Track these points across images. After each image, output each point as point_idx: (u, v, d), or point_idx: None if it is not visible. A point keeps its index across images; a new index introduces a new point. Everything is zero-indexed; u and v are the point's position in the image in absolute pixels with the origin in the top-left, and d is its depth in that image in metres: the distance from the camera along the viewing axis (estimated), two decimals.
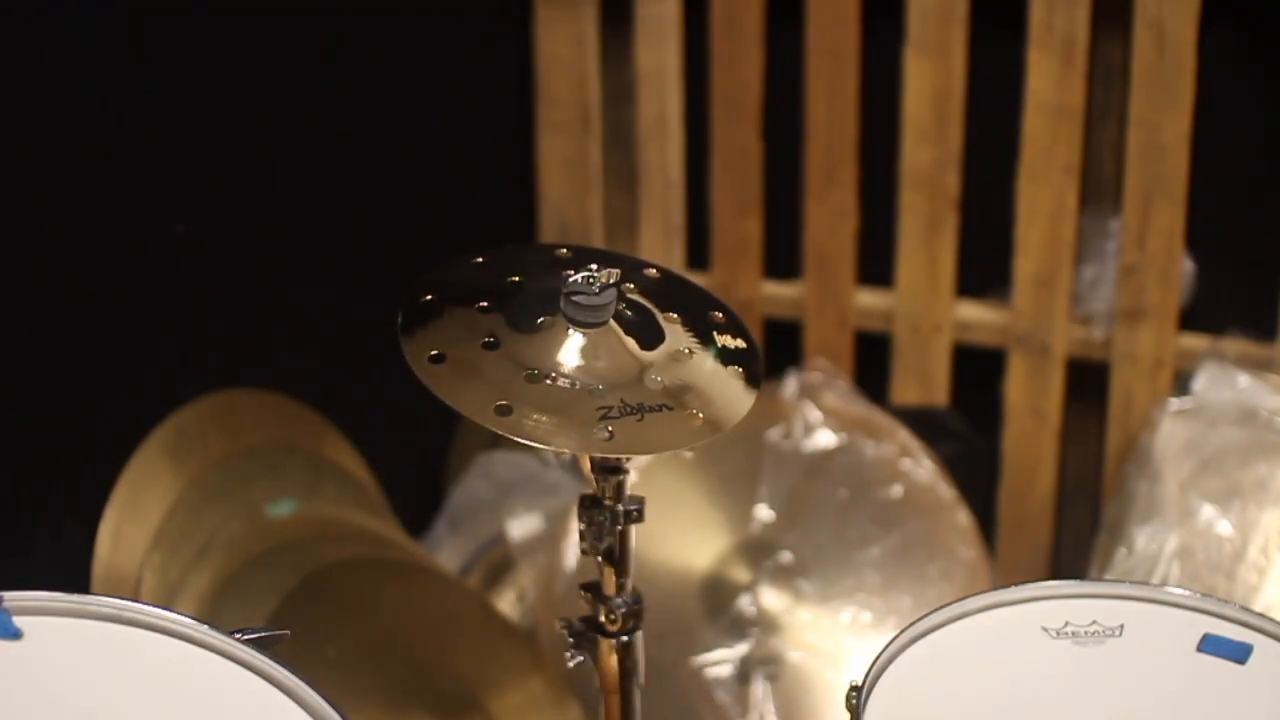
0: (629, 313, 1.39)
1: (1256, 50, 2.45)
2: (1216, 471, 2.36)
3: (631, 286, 1.42)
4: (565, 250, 1.42)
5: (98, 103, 1.99)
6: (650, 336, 1.39)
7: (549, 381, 1.33)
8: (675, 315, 1.41)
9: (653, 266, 1.47)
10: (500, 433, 1.29)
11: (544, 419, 1.30)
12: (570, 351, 1.35)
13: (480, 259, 1.46)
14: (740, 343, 1.40)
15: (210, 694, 1.21)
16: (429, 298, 1.41)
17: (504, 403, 1.31)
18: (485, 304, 1.40)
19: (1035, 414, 2.57)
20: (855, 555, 2.37)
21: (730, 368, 1.38)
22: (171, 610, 1.24)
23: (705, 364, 1.38)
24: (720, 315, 1.42)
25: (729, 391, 1.36)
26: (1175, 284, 2.47)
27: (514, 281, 1.41)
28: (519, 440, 1.30)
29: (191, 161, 2.14)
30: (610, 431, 1.30)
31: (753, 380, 1.37)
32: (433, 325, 1.38)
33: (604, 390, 1.32)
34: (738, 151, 2.64)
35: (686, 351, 1.38)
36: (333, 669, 2.06)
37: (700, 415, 1.33)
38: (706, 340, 1.40)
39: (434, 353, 1.34)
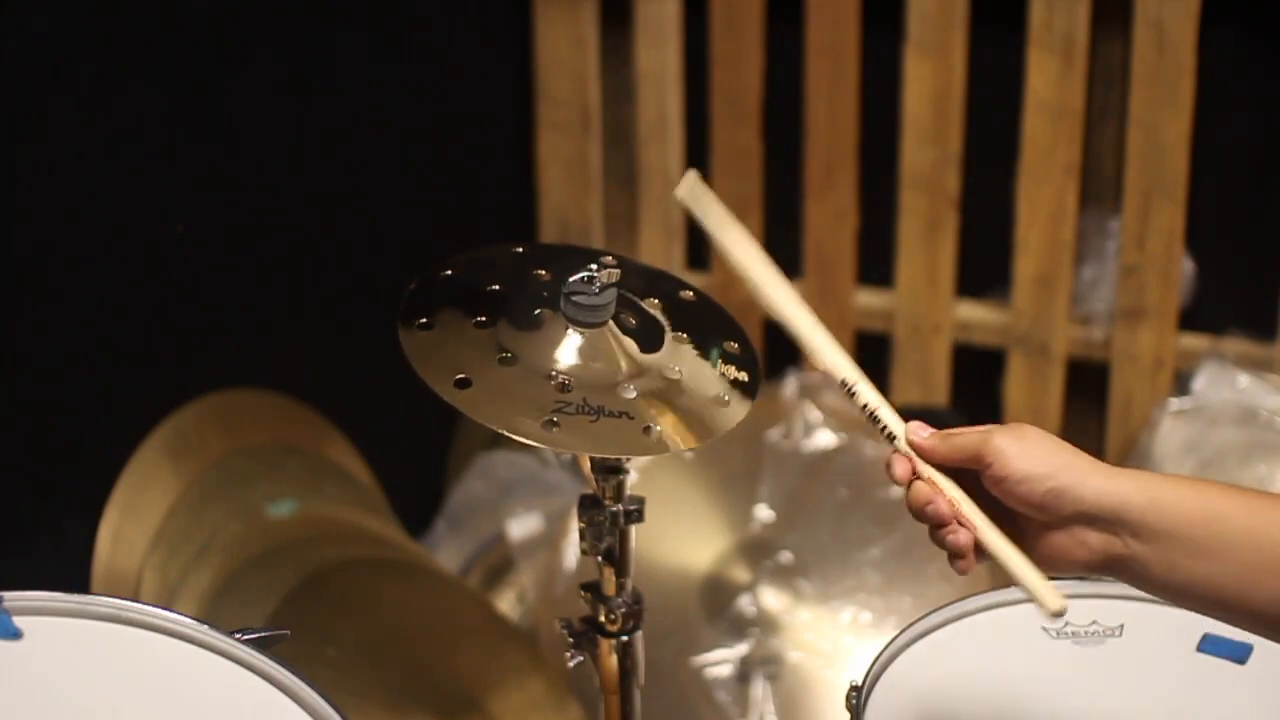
0: (633, 321, 1.39)
1: (1256, 50, 2.45)
2: (1216, 471, 2.35)
3: (656, 302, 1.42)
4: (610, 258, 1.41)
5: (98, 103, 1.99)
6: (649, 348, 1.38)
7: (522, 368, 1.33)
8: (685, 335, 1.40)
9: (690, 289, 1.46)
10: (451, 403, 1.29)
11: (497, 399, 1.30)
12: (557, 346, 1.35)
13: (520, 248, 1.46)
14: (743, 375, 1.39)
15: (210, 694, 1.21)
16: (448, 271, 1.41)
17: (464, 377, 1.31)
18: (498, 287, 1.40)
19: (1035, 414, 2.57)
20: (855, 555, 2.37)
21: (718, 395, 1.37)
22: (171, 610, 1.24)
23: (693, 386, 1.37)
24: (735, 346, 1.42)
25: (705, 417, 1.35)
26: (1175, 284, 2.47)
27: (536, 273, 1.41)
28: (466, 413, 1.29)
29: (191, 161, 2.14)
30: (556, 424, 1.29)
31: (744, 400, 1.37)
32: (438, 296, 1.38)
33: (572, 387, 1.32)
34: (738, 151, 2.64)
35: (676, 370, 1.37)
36: (333, 669, 2.06)
37: (656, 431, 1.32)
38: (706, 363, 1.40)
39: (423, 320, 1.35)
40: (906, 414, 1.27)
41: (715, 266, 2.70)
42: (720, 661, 2.32)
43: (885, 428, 1.24)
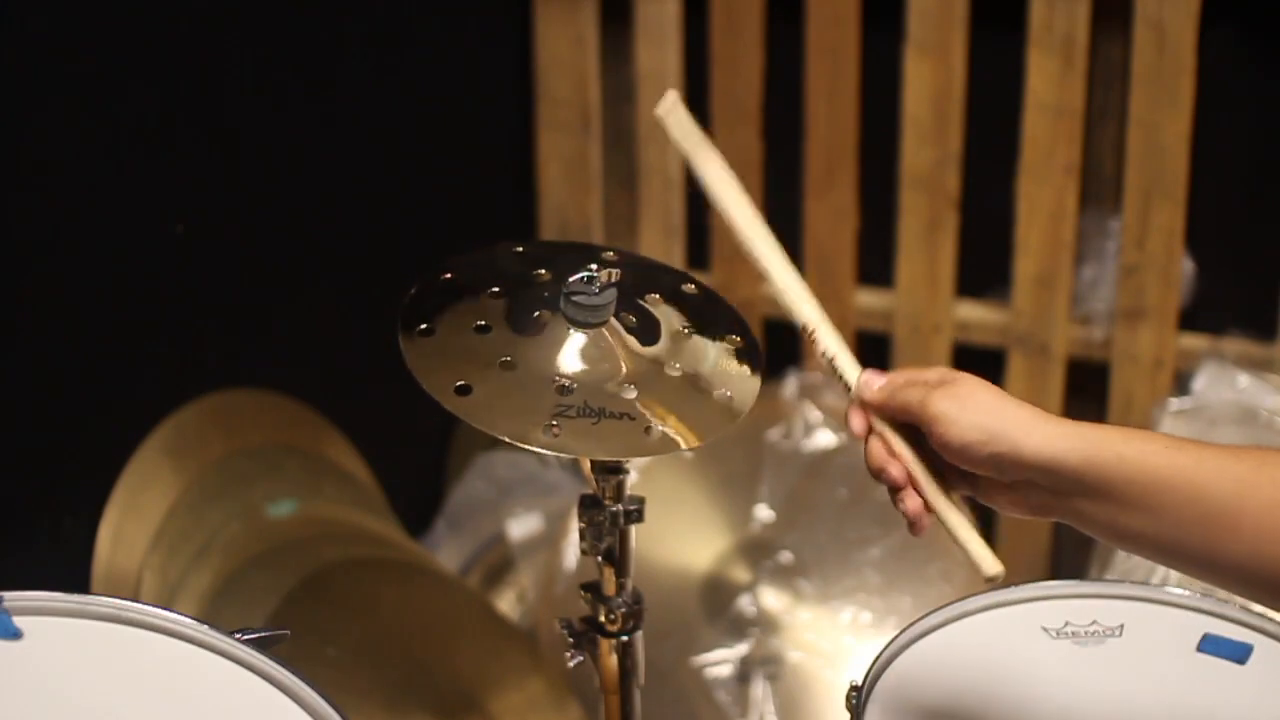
0: (634, 320, 1.39)
1: (1256, 50, 2.45)
2: None
3: (657, 297, 1.42)
4: (611, 253, 1.41)
5: (98, 103, 1.99)
6: (650, 344, 1.38)
7: (523, 372, 1.33)
8: (687, 331, 1.40)
9: (692, 282, 1.46)
10: (453, 412, 1.29)
11: (498, 405, 1.30)
12: (558, 349, 1.35)
13: (519, 248, 1.47)
14: (745, 369, 1.39)
15: (210, 694, 1.21)
16: (448, 275, 1.41)
17: (465, 384, 1.30)
18: (497, 289, 1.40)
19: None
20: (855, 555, 2.37)
21: (719, 391, 1.37)
22: (171, 610, 1.24)
23: (693, 384, 1.37)
24: (739, 339, 1.42)
25: (706, 413, 1.35)
26: (1175, 284, 2.47)
27: (537, 274, 1.41)
28: (468, 421, 1.29)
29: (191, 161, 2.14)
30: (556, 428, 1.29)
31: (746, 398, 1.37)
32: (439, 302, 1.38)
33: (574, 389, 1.32)
34: (738, 151, 2.64)
35: (677, 368, 1.37)
36: (333, 669, 2.06)
37: (659, 429, 1.32)
38: (708, 359, 1.40)
39: (424, 326, 1.35)
40: None
41: (716, 266, 2.70)
42: (720, 661, 2.32)
43: (842, 378, 1.24)
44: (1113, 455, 1.13)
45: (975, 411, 1.16)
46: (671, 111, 1.31)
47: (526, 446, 1.29)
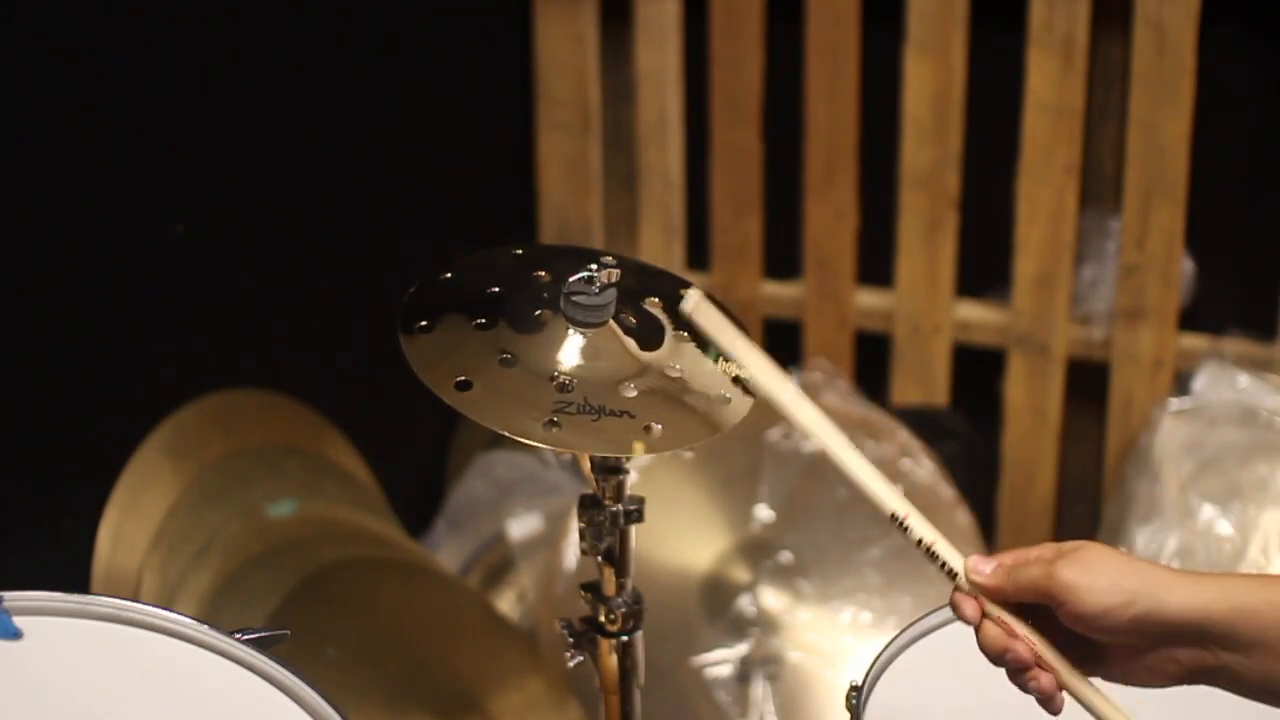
0: (633, 320, 1.39)
1: (1256, 50, 2.45)
2: (1216, 471, 2.36)
3: (657, 301, 1.42)
4: (610, 258, 1.41)
5: (98, 103, 1.99)
6: (650, 347, 1.38)
7: (523, 369, 1.33)
8: (686, 335, 1.41)
9: (690, 287, 1.46)
10: (452, 406, 1.29)
11: (498, 400, 1.30)
12: (558, 347, 1.35)
13: (519, 250, 1.47)
14: (744, 373, 1.39)
15: (210, 694, 1.21)
16: (448, 274, 1.41)
17: (465, 379, 1.31)
18: (497, 289, 1.40)
19: (1035, 414, 2.57)
20: (855, 555, 2.37)
21: (720, 393, 1.37)
22: (171, 610, 1.24)
23: (694, 384, 1.37)
24: None
25: (707, 414, 1.35)
26: (1175, 284, 2.47)
27: (535, 275, 1.41)
28: (468, 415, 1.29)
29: (191, 161, 2.14)
30: (557, 424, 1.29)
31: (745, 399, 1.37)
32: (438, 300, 1.39)
33: (573, 387, 1.32)
34: (738, 151, 2.64)
35: (677, 369, 1.37)
36: (333, 669, 2.06)
37: (658, 429, 1.32)
38: (707, 362, 1.40)
39: (423, 323, 1.35)
40: (908, 414, 1.27)
41: (716, 266, 2.70)
42: (720, 661, 2.32)
43: (945, 565, 1.16)
44: (1263, 602, 1.08)
45: (1110, 575, 1.09)
46: (698, 307, 1.19)
47: (526, 441, 1.29)
